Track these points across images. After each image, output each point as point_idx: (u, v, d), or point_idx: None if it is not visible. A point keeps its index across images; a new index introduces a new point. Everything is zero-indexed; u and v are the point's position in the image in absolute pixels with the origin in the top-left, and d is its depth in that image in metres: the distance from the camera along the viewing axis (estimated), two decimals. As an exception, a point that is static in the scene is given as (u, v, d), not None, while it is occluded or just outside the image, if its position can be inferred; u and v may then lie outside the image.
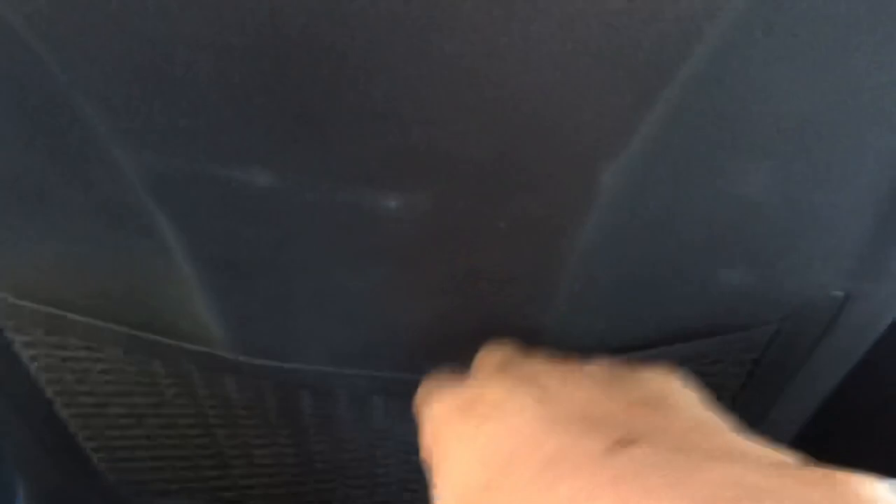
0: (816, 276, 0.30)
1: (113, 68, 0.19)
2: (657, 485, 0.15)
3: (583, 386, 0.21)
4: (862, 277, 0.29)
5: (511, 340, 0.28)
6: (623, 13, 0.17)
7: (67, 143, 0.23)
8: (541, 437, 0.18)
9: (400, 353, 0.31)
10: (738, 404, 0.36)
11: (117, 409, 0.38)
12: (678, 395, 0.22)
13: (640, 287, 0.29)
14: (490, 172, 0.20)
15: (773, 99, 0.22)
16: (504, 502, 0.18)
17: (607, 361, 0.25)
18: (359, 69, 0.18)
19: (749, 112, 0.22)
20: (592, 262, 0.26)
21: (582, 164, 0.20)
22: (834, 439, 0.43)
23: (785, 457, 0.17)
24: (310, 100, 0.19)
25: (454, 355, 0.31)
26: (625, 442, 0.17)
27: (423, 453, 0.24)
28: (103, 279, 0.30)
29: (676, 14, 0.17)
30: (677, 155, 0.23)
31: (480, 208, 0.21)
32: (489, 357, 0.26)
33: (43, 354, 0.35)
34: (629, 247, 0.26)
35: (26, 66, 0.20)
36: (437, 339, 0.29)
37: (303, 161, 0.21)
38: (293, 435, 0.38)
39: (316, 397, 0.35)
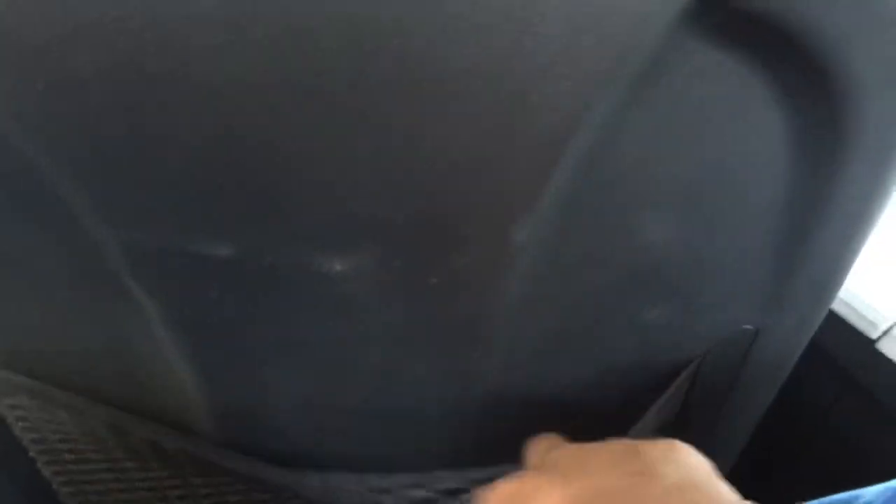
0: (729, 312, 0.33)
1: (90, 160, 0.22)
2: None
3: (597, 467, 0.26)
4: (768, 312, 0.33)
5: (553, 434, 0.32)
6: (516, 96, 0.21)
7: (49, 225, 0.26)
8: None
9: (357, 399, 0.34)
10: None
11: (97, 465, 0.40)
12: (668, 464, 0.26)
13: (570, 330, 0.32)
14: (417, 237, 0.23)
15: (662, 161, 0.26)
16: None
17: (623, 441, 0.28)
18: (303, 163, 0.21)
19: (644, 173, 0.26)
20: (523, 308, 0.29)
21: (496, 226, 0.24)
22: (772, 470, 0.45)
23: None
24: (264, 187, 0.22)
25: (407, 397, 0.34)
26: None
27: None
28: (85, 350, 0.33)
29: (562, 93, 0.21)
30: (587, 212, 0.26)
31: (413, 267, 0.25)
32: (533, 450, 0.31)
33: (27, 416, 0.38)
34: (554, 294, 0.29)
35: (12, 157, 0.23)
36: (389, 384, 0.32)
37: (259, 233, 0.24)
38: (269, 490, 0.40)
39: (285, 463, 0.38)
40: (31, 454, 0.40)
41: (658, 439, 0.27)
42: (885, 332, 0.41)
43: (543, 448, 0.30)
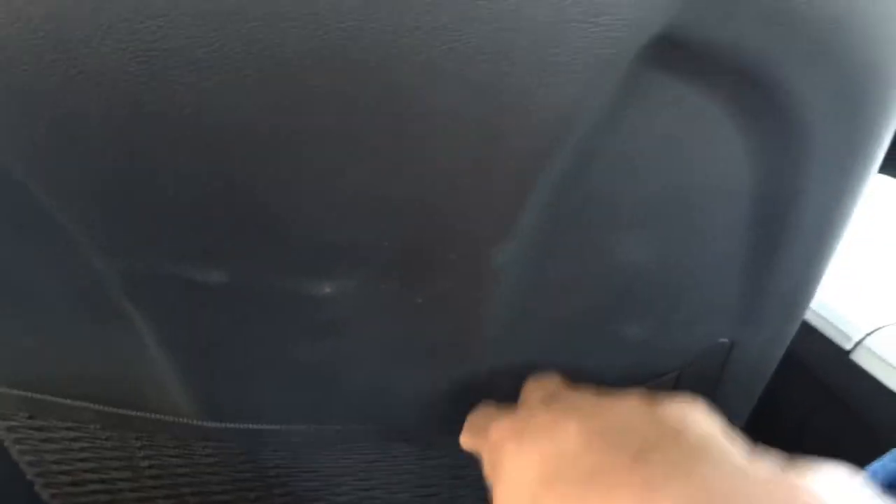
0: (704, 326, 0.34)
1: (90, 194, 0.24)
2: (668, 494, 0.19)
3: (615, 406, 0.25)
4: (742, 326, 0.34)
5: (555, 375, 0.31)
6: (491, 129, 0.22)
7: (51, 251, 0.27)
8: (580, 452, 0.22)
9: (348, 408, 0.35)
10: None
11: (94, 486, 0.41)
12: (692, 418, 0.24)
13: (555, 345, 0.33)
14: (400, 261, 0.25)
15: (632, 185, 0.27)
16: None
17: (637, 393, 0.27)
18: (293, 196, 0.23)
19: (615, 197, 0.27)
20: (505, 324, 0.30)
21: (476, 250, 0.25)
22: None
23: (773, 466, 0.21)
24: (255, 215, 0.23)
25: (398, 407, 0.35)
26: (645, 452, 0.21)
27: (486, 475, 0.27)
28: (81, 363, 0.34)
29: (533, 125, 0.22)
30: (562, 235, 0.28)
31: (398, 288, 0.26)
32: (535, 391, 0.30)
33: (25, 437, 0.38)
34: (534, 311, 0.30)
35: (14, 190, 0.24)
36: (379, 395, 0.33)
37: (251, 260, 0.25)
38: (261, 499, 0.41)
39: (278, 455, 0.39)
40: (29, 477, 0.41)
41: (672, 399, 0.27)
42: (859, 343, 0.43)
43: (549, 389, 0.29)
